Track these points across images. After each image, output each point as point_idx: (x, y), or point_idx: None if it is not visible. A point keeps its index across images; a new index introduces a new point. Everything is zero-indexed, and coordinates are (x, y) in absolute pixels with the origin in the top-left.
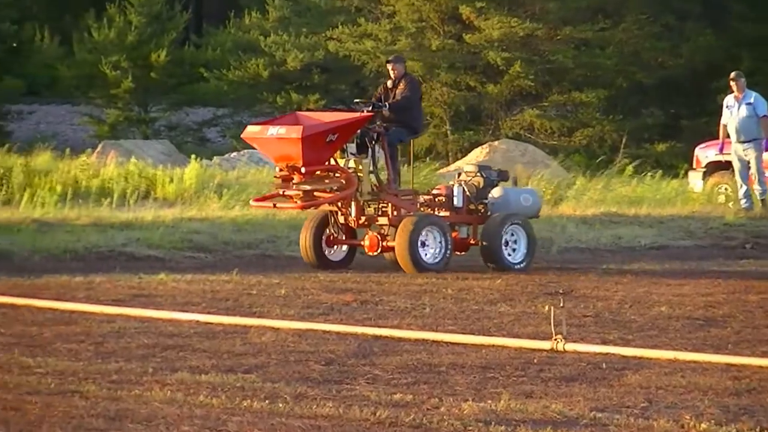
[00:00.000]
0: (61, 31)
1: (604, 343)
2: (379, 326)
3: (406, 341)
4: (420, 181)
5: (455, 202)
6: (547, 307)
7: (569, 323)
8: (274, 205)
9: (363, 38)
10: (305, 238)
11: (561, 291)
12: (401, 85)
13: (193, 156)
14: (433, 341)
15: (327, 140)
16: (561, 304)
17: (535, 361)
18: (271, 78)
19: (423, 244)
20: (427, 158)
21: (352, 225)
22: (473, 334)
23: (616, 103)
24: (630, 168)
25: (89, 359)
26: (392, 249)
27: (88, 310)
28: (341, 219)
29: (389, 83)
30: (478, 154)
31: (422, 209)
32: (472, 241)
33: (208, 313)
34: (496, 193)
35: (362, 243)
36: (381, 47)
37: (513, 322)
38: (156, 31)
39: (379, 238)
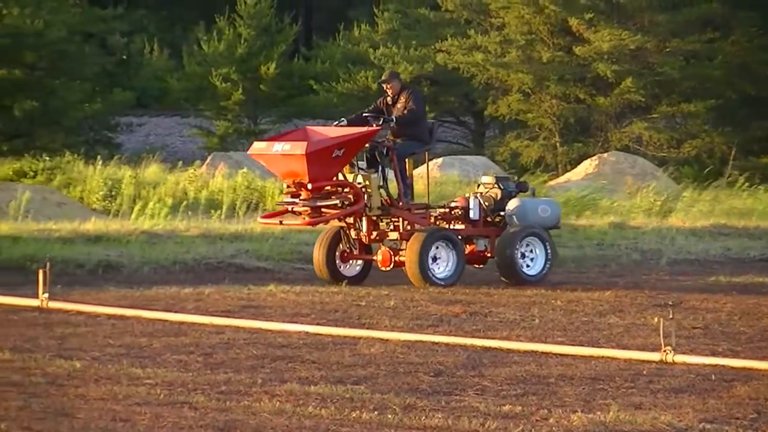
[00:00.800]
0: (171, 43)
1: (714, 354)
2: (489, 338)
3: (516, 352)
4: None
5: (471, 215)
6: (656, 319)
7: (678, 335)
8: (281, 222)
9: (472, 50)
10: (318, 254)
11: (670, 303)
12: (403, 99)
13: None
14: (543, 353)
15: (333, 156)
16: (670, 316)
17: (645, 372)
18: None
19: (434, 259)
20: (537, 170)
21: (364, 240)
22: (582, 345)
23: (725, 115)
24: (741, 180)
25: (198, 370)
26: (404, 264)
27: (198, 321)
28: (353, 234)
29: (388, 99)
30: (587, 167)
31: (438, 223)
32: (489, 254)
33: (318, 324)
34: (512, 204)
35: (375, 258)
36: (490, 59)
37: (622, 334)
38: (265, 44)
39: (392, 252)
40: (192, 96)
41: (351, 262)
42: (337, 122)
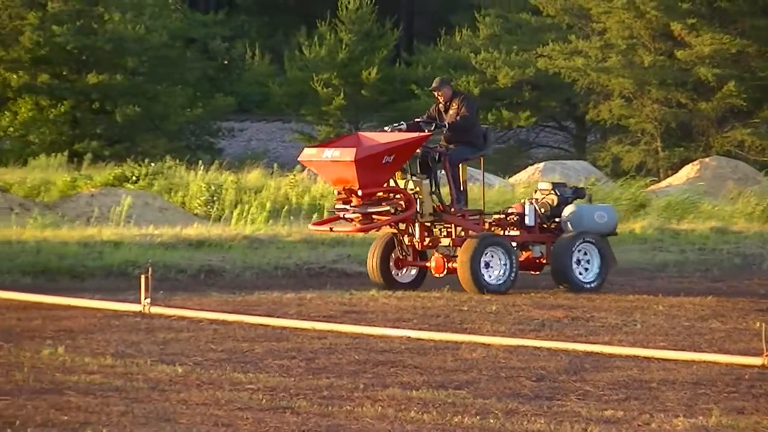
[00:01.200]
0: (272, 48)
1: None
2: (591, 342)
3: (618, 357)
4: (628, 197)
5: (527, 221)
6: (758, 324)
7: None
8: (331, 229)
9: (573, 55)
10: (372, 261)
11: None
12: (455, 105)
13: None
14: (645, 357)
15: (383, 162)
16: None
17: (746, 377)
18: (482, 95)
19: (487, 265)
20: (638, 175)
21: (417, 247)
22: (684, 350)
23: None
24: None
25: (300, 375)
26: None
27: (300, 326)
28: (407, 241)
29: (441, 106)
30: (688, 171)
31: (493, 229)
32: (544, 261)
33: (420, 329)
34: (568, 210)
35: (429, 264)
36: (591, 64)
37: (724, 338)
38: (367, 49)
39: (445, 259)
40: (293, 101)
41: (406, 268)
42: (391, 127)
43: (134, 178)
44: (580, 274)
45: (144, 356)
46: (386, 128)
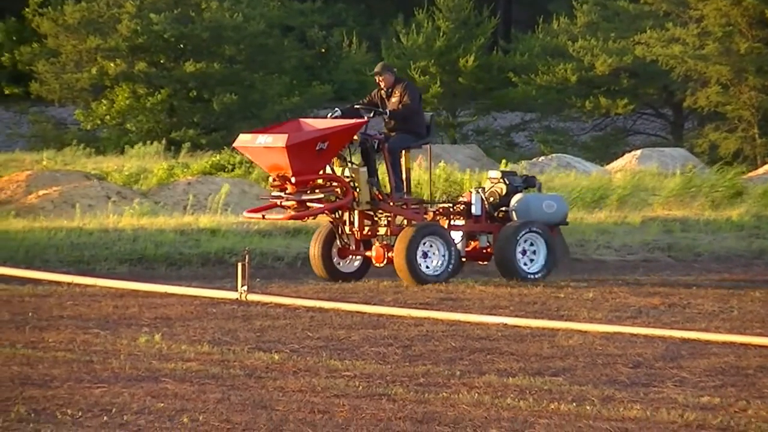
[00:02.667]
0: (370, 36)
1: None
2: (687, 329)
3: (714, 344)
4: (724, 184)
5: (473, 210)
6: None
7: None
8: (263, 217)
9: (671, 43)
10: (314, 250)
11: None
12: (397, 92)
13: (502, 160)
14: (741, 344)
15: (317, 148)
16: None
17: None
18: (579, 82)
19: (425, 255)
20: (735, 162)
21: (356, 236)
22: None
23: None
24: None
25: (397, 362)
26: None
27: (396, 313)
28: (348, 230)
29: (382, 92)
30: None
31: (438, 218)
32: (491, 251)
33: (516, 316)
34: (515, 200)
35: (370, 254)
36: (689, 51)
37: None
38: (464, 37)
39: (386, 249)
40: None
41: (349, 258)
42: (330, 113)
43: (230, 166)
44: (525, 264)
45: (241, 344)
46: (328, 115)
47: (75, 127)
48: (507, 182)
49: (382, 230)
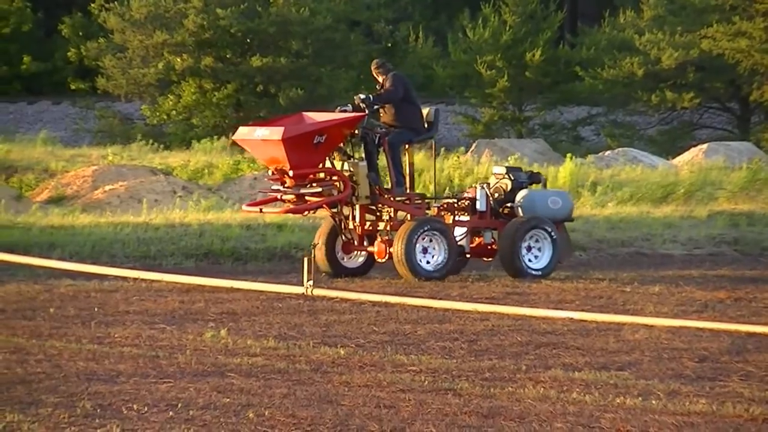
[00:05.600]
0: (436, 31)
1: None
2: (754, 323)
3: None
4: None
5: (478, 206)
6: None
7: None
8: (261, 210)
9: (737, 36)
10: (319, 246)
11: None
12: (386, 83)
13: (568, 154)
14: None
15: (314, 142)
16: None
17: None
18: (646, 76)
19: (425, 250)
20: None
21: (358, 231)
22: None
23: None
24: None
25: (462, 357)
26: None
27: (462, 308)
28: (350, 224)
29: (378, 87)
30: None
31: (442, 214)
32: (496, 247)
33: (582, 310)
34: (520, 196)
35: (372, 249)
36: (755, 45)
37: None
38: (531, 31)
39: (387, 244)
40: (457, 83)
41: (353, 253)
42: (339, 107)
43: None
44: (530, 261)
45: (306, 338)
46: (337, 109)
47: (141, 123)
48: (512, 178)
49: (382, 225)
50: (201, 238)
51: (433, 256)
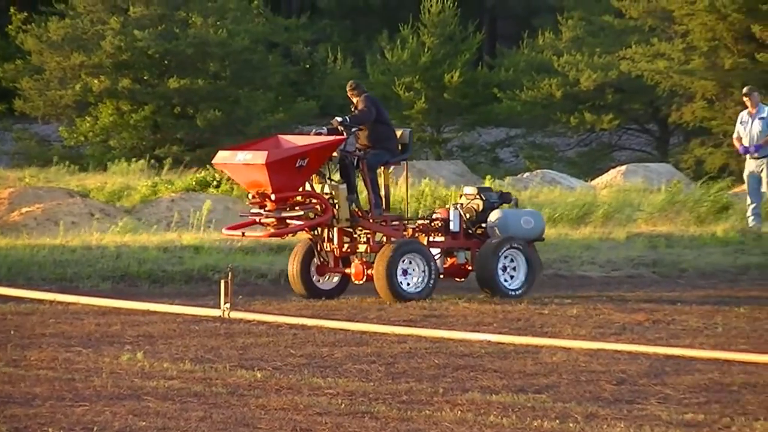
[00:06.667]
0: (355, 52)
1: None
2: (671, 346)
3: (698, 360)
4: (710, 199)
5: (452, 227)
6: None
7: None
8: (243, 234)
9: (656, 58)
10: (292, 267)
11: None
12: (359, 105)
13: (487, 176)
14: (725, 360)
15: (297, 165)
16: None
17: None
18: (565, 98)
19: (405, 272)
20: (720, 177)
21: (336, 253)
22: (766, 353)
23: None
24: None
25: (380, 380)
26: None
27: (380, 330)
28: (328, 247)
29: (352, 108)
30: None
31: (417, 235)
32: (469, 267)
33: (500, 333)
34: (494, 216)
35: (349, 271)
36: (674, 67)
37: None
38: (449, 52)
39: (365, 265)
40: None
41: (327, 275)
42: (314, 130)
43: (215, 182)
44: (506, 281)
45: (223, 361)
46: (312, 131)
47: (58, 144)
48: (483, 198)
49: (362, 247)
50: (118, 260)
51: (414, 278)
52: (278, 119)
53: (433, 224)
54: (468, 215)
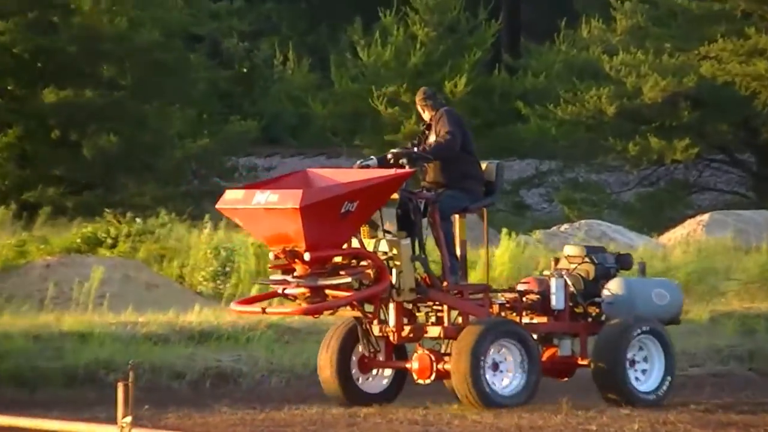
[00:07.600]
0: (313, 49)
1: None
2: None
3: None
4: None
5: (553, 302)
6: None
7: None
8: (264, 311)
9: (752, 56)
10: (325, 360)
11: None
12: (439, 126)
13: (504, 230)
14: None
15: (342, 211)
16: None
17: None
18: (620, 116)
19: (495, 367)
20: None
21: (393, 339)
22: None
23: None
24: None
25: None
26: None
27: None
28: (377, 331)
29: (424, 126)
30: None
31: (504, 313)
32: (580, 361)
33: None
34: (614, 287)
35: (410, 366)
36: None
37: None
38: (452, 49)
39: (434, 357)
40: (344, 125)
41: (375, 371)
42: (360, 162)
43: (110, 240)
44: (637, 379)
45: None
46: (355, 164)
47: None
48: (596, 262)
49: (433, 331)
50: None
51: (508, 376)
52: (201, 147)
53: (525, 299)
54: (574, 286)
